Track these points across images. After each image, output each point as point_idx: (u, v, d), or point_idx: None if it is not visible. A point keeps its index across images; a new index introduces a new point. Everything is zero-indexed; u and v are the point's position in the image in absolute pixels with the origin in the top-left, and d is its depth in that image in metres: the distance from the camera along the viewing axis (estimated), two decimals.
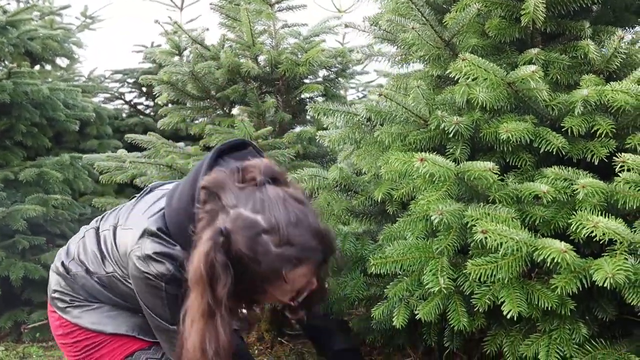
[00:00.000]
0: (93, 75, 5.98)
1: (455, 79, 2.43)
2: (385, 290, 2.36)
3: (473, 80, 2.38)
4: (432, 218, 2.12)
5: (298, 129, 3.68)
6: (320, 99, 3.81)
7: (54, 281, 2.48)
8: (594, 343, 2.18)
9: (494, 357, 2.97)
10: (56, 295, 2.47)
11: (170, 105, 3.97)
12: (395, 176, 2.42)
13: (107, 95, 5.90)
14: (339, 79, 3.99)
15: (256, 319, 2.46)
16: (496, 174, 2.19)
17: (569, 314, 2.14)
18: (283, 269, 1.98)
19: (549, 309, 2.13)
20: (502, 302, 2.11)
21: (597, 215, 2.07)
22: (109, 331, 2.42)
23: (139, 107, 5.93)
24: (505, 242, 2.02)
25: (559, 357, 2.15)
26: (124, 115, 5.75)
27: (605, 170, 2.30)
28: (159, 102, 3.98)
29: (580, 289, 2.04)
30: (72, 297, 2.44)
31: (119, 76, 5.86)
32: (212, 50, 3.67)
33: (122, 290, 2.38)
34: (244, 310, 2.22)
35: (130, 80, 5.82)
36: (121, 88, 5.90)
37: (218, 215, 1.99)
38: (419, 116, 2.49)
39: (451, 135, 2.38)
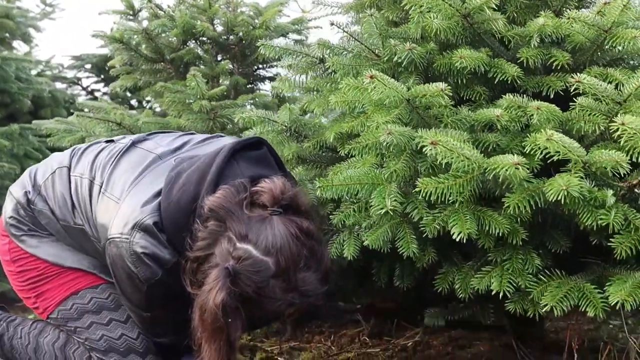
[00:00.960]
0: (51, 63, 5.86)
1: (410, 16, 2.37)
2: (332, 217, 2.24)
3: (428, 11, 2.31)
4: (381, 139, 2.02)
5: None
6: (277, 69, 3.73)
7: (12, 207, 2.33)
8: (548, 274, 2.09)
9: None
10: (12, 221, 2.32)
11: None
12: (346, 108, 2.33)
13: (65, 81, 5.77)
14: None
15: None
16: (448, 96, 2.10)
17: (521, 243, 2.05)
18: (285, 312, 1.97)
19: (501, 236, 2.03)
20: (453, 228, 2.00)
21: None
22: (68, 265, 2.30)
23: (96, 93, 5.81)
24: (456, 160, 1.93)
25: (512, 287, 2.05)
26: (80, 99, 5.62)
27: (562, 105, 2.22)
28: (112, 66, 3.85)
29: (534, 207, 1.94)
30: (31, 228, 2.31)
31: (77, 62, 5.74)
32: (167, 12, 3.59)
33: (89, 246, 2.27)
34: None
35: (88, 66, 5.71)
36: (78, 73, 5.78)
37: (220, 240, 1.94)
38: (371, 50, 2.42)
39: (404, 65, 2.30)
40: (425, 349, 2.88)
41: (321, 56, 2.59)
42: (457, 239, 1.96)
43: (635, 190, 2.00)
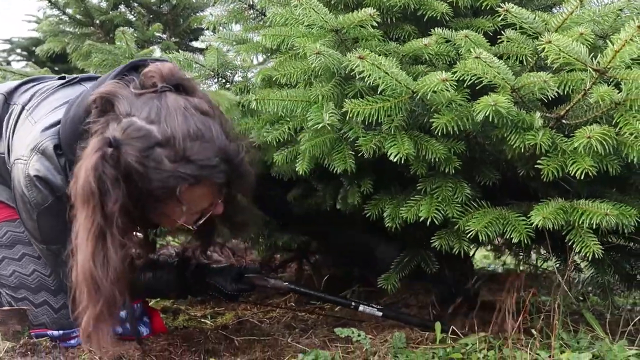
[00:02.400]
0: None
1: None
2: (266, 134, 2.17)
3: None
4: (309, 59, 1.98)
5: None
6: (209, 33, 3.65)
7: None
8: (475, 205, 2.06)
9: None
10: None
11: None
12: (275, 43, 2.27)
13: None
14: None
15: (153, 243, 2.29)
16: (377, 22, 2.08)
17: (454, 172, 2.02)
18: (177, 188, 1.80)
19: (433, 165, 2.00)
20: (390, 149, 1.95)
21: None
22: None
23: None
24: (384, 80, 1.89)
25: (440, 215, 2.01)
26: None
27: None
28: (39, 30, 3.73)
29: (462, 128, 1.91)
30: None
31: (7, 46, 5.60)
32: None
33: (6, 174, 2.18)
34: (139, 234, 2.08)
35: (18, 50, 5.56)
36: (9, 57, 5.63)
37: (109, 124, 1.81)
38: None
39: (333, 2, 2.28)
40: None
41: (251, 1, 2.55)
42: (395, 160, 1.91)
43: (563, 120, 1.99)
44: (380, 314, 2.36)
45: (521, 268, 3.03)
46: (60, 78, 2.32)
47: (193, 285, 2.33)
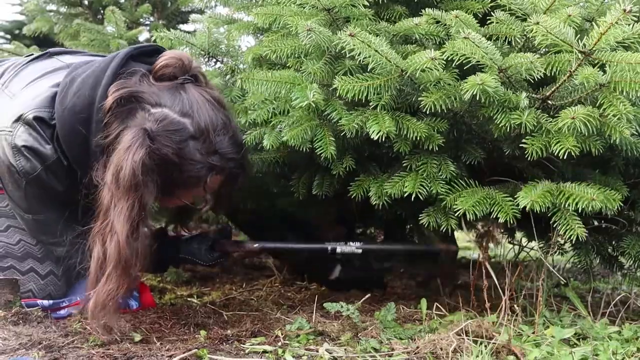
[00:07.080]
0: None
1: None
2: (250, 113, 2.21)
3: None
4: (300, 35, 2.00)
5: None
6: (198, 16, 3.66)
7: None
8: (462, 183, 2.10)
9: None
10: None
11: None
12: (267, 22, 2.28)
13: None
14: None
15: None
16: (368, 2, 2.11)
17: (437, 149, 2.04)
18: (207, 177, 1.96)
19: (417, 143, 2.03)
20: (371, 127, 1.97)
21: None
22: None
23: None
24: (374, 59, 1.91)
25: (424, 190, 2.04)
26: None
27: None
28: (25, 9, 3.72)
29: (449, 107, 1.94)
30: None
31: None
32: None
33: None
34: None
35: (1, 33, 5.53)
36: None
37: (135, 113, 1.89)
38: None
39: None
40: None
41: None
42: (376, 139, 1.94)
43: (549, 101, 2.02)
44: (360, 250, 2.32)
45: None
46: (27, 56, 2.33)
47: (169, 259, 2.36)
